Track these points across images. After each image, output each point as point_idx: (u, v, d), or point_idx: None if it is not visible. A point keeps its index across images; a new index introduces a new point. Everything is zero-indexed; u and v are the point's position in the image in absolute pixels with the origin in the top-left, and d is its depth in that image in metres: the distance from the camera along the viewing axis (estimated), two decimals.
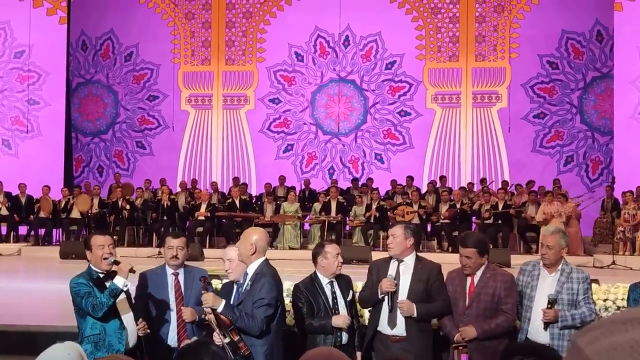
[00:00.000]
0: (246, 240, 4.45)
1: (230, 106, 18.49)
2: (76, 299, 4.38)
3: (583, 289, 4.68)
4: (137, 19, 18.48)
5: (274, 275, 4.42)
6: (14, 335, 6.14)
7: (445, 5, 17.96)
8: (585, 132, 17.44)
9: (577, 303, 4.65)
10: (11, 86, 17.39)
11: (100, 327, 4.37)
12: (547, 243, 4.72)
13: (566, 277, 4.70)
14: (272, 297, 4.31)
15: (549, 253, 4.70)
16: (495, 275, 4.69)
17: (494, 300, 4.61)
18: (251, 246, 4.41)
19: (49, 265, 12.42)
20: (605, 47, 17.33)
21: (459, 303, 4.72)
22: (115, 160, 18.80)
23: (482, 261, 4.70)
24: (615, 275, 10.40)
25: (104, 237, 4.60)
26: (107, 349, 4.34)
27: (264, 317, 4.27)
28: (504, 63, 17.64)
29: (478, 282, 4.68)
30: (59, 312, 8.22)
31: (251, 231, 4.64)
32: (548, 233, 4.81)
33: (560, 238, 4.73)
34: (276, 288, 4.40)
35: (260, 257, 4.45)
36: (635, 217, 13.32)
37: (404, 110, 18.03)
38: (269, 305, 4.30)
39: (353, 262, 12.18)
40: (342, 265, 4.82)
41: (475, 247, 4.68)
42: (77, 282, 4.41)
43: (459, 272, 4.84)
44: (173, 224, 14.62)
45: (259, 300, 4.31)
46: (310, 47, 18.32)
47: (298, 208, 14.75)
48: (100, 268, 4.49)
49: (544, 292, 4.70)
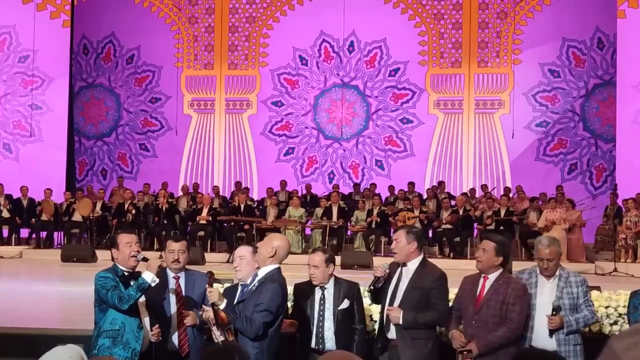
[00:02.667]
0: (269, 242, 4.51)
1: (233, 110, 18.50)
2: (101, 291, 4.39)
3: (582, 292, 4.70)
4: (139, 22, 18.49)
5: (282, 284, 4.43)
6: (15, 338, 6.13)
7: (448, 11, 17.97)
8: (589, 139, 17.42)
9: (579, 307, 4.67)
10: (14, 90, 17.39)
11: (121, 324, 4.39)
12: (546, 257, 4.70)
13: (564, 282, 4.71)
14: (274, 304, 4.32)
15: (550, 265, 4.71)
16: (509, 283, 4.61)
17: (503, 307, 4.54)
18: (272, 249, 4.46)
19: (50, 269, 12.42)
20: (606, 54, 17.32)
21: (469, 307, 4.67)
22: (119, 163, 18.81)
23: (496, 260, 4.61)
24: (617, 282, 10.38)
25: (130, 235, 4.67)
26: (124, 346, 4.37)
27: (262, 322, 4.28)
28: (507, 69, 17.64)
29: (490, 288, 4.62)
30: (60, 315, 8.23)
31: (276, 236, 4.73)
32: (544, 247, 4.72)
33: (557, 247, 4.74)
34: (281, 296, 4.40)
35: (276, 263, 4.49)
36: (637, 224, 13.30)
37: (406, 118, 18.01)
38: (269, 312, 4.30)
39: (354, 267, 12.19)
40: (314, 277, 4.78)
41: (495, 243, 4.64)
42: (103, 276, 4.44)
43: (473, 277, 4.80)
44: (174, 228, 14.62)
45: (261, 304, 4.31)
46: (315, 51, 18.33)
47: (303, 213, 14.73)
48: (127, 266, 4.53)
49: (544, 299, 4.69)
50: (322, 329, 4.75)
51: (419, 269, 4.74)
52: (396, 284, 4.76)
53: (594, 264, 13.09)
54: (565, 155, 17.44)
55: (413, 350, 4.62)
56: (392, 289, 4.77)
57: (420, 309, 4.63)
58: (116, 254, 4.57)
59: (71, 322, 7.07)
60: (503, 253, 4.65)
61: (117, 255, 4.56)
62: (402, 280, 4.75)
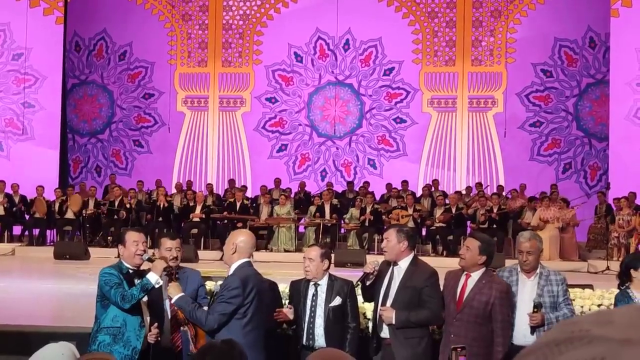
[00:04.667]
0: (230, 240, 4.44)
1: (227, 108, 18.48)
2: (104, 287, 4.40)
3: (562, 290, 4.73)
4: (131, 19, 18.45)
5: (244, 276, 4.27)
6: (8, 336, 6.12)
7: (442, 9, 17.99)
8: (582, 138, 17.47)
9: (558, 305, 4.70)
10: (7, 88, 17.32)
11: (122, 321, 4.39)
12: (526, 250, 4.72)
13: (545, 280, 4.73)
14: (231, 295, 4.18)
15: (530, 259, 4.72)
16: (492, 283, 4.59)
17: (487, 308, 4.52)
18: (233, 246, 4.37)
19: (43, 266, 12.40)
20: (598, 53, 17.38)
21: (450, 305, 4.65)
22: (113, 160, 18.78)
23: (479, 259, 4.60)
24: (609, 281, 10.37)
25: (138, 233, 4.68)
26: (124, 344, 4.37)
27: (216, 313, 4.17)
28: (500, 68, 17.67)
29: (473, 287, 4.60)
30: (52, 313, 8.21)
31: (236, 233, 4.64)
32: (525, 239, 4.76)
33: (538, 242, 4.78)
34: (239, 287, 4.21)
35: (244, 257, 4.39)
36: (629, 223, 13.35)
37: (399, 117, 18.02)
38: (226, 303, 4.17)
39: (347, 265, 12.20)
40: (308, 270, 4.77)
41: (479, 241, 4.64)
42: (108, 272, 4.45)
43: (455, 273, 4.79)
44: (168, 226, 14.59)
45: (219, 296, 4.28)
46: (310, 48, 18.31)
47: (290, 210, 14.70)
48: (133, 263, 4.55)
49: (524, 297, 4.71)
50: (313, 326, 4.75)
51: (410, 267, 4.73)
52: (388, 283, 4.75)
53: (587, 262, 13.12)
54: (559, 154, 17.48)
55: (407, 349, 4.61)
56: (384, 289, 4.76)
57: (413, 307, 4.62)
58: (122, 250, 4.61)
59: (64, 320, 7.07)
60: (487, 252, 4.64)
61: (123, 251, 4.59)
62: (394, 279, 4.74)
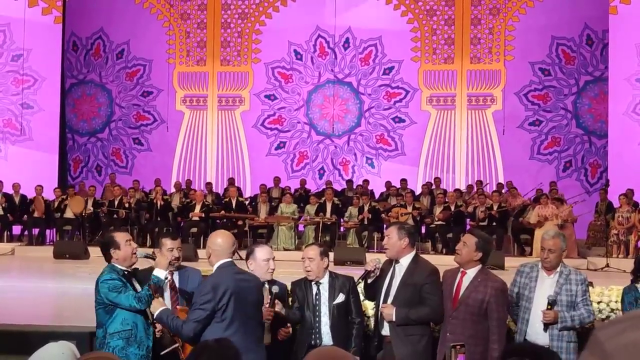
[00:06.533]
0: (207, 243, 4.35)
1: (225, 107, 18.46)
2: (111, 294, 4.31)
3: (581, 290, 4.69)
4: (128, 17, 18.43)
5: (221, 278, 4.12)
6: (7, 335, 6.11)
7: (441, 7, 17.97)
8: (582, 136, 17.46)
9: (576, 305, 4.67)
10: (6, 89, 17.28)
11: (132, 323, 4.35)
12: (548, 247, 4.72)
13: (565, 279, 4.71)
14: (202, 301, 4.05)
15: (551, 257, 4.71)
16: (487, 281, 4.59)
17: (482, 306, 4.52)
18: (208, 249, 4.29)
19: (43, 265, 12.39)
20: (595, 50, 17.36)
21: (446, 304, 4.66)
22: (113, 159, 18.76)
23: (475, 255, 4.60)
24: (609, 277, 10.41)
25: (126, 233, 4.66)
26: (138, 345, 4.35)
27: (190, 321, 4.05)
28: (499, 65, 17.66)
29: (468, 285, 4.60)
30: (52, 312, 8.21)
31: (213, 235, 4.46)
32: (549, 237, 4.77)
33: (561, 241, 4.76)
34: (211, 292, 4.06)
35: (223, 258, 4.24)
36: (629, 220, 13.36)
37: (398, 117, 18.01)
38: (199, 310, 4.04)
39: (347, 263, 12.19)
40: (309, 270, 4.76)
41: (477, 238, 4.64)
42: (109, 279, 4.36)
43: (452, 271, 4.79)
44: (167, 225, 14.58)
45: (192, 304, 4.18)
46: (310, 46, 18.29)
47: (295, 210, 14.72)
48: (129, 264, 4.50)
49: (542, 294, 4.69)
50: (319, 324, 4.75)
51: (411, 265, 4.74)
52: (390, 281, 4.77)
53: (586, 259, 13.13)
54: (559, 153, 17.47)
55: (407, 347, 4.62)
56: (385, 286, 4.77)
57: (413, 305, 4.63)
58: (117, 254, 4.47)
59: (64, 319, 7.06)
60: (483, 249, 4.64)
61: (119, 255, 4.46)
62: (395, 277, 4.75)
